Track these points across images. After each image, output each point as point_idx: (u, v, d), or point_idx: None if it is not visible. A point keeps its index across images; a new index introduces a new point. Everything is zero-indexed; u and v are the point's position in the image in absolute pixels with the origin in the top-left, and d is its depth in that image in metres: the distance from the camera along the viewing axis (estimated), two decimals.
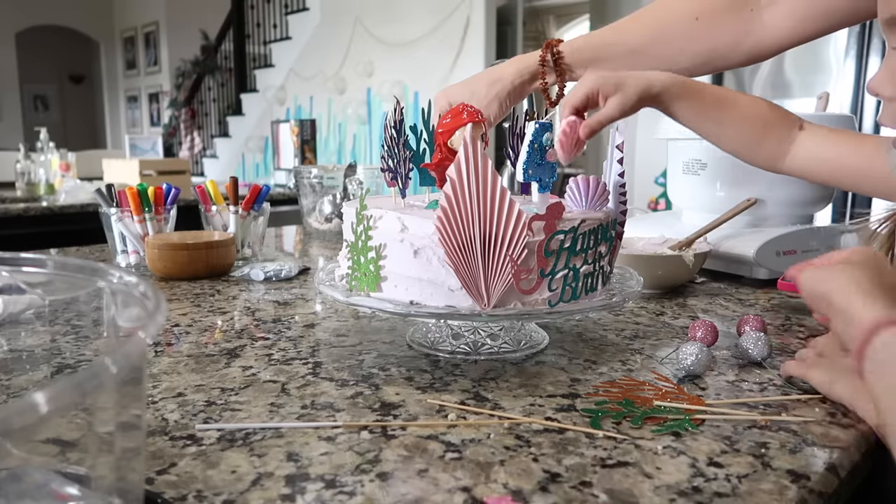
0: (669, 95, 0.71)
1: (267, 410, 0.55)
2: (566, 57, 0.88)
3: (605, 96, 0.69)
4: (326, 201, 1.54)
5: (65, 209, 2.47)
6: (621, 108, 0.68)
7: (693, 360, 0.62)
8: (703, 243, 1.02)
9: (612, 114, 0.68)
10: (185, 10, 7.85)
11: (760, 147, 0.74)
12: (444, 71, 4.43)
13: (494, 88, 0.88)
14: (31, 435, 0.37)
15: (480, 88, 0.88)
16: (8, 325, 0.60)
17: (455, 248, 0.58)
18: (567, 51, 0.88)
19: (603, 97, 0.69)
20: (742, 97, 0.76)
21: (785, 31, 0.79)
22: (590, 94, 0.69)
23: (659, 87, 0.70)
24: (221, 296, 0.96)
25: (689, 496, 0.42)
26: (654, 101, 0.71)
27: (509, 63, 0.91)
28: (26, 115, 8.75)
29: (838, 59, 2.29)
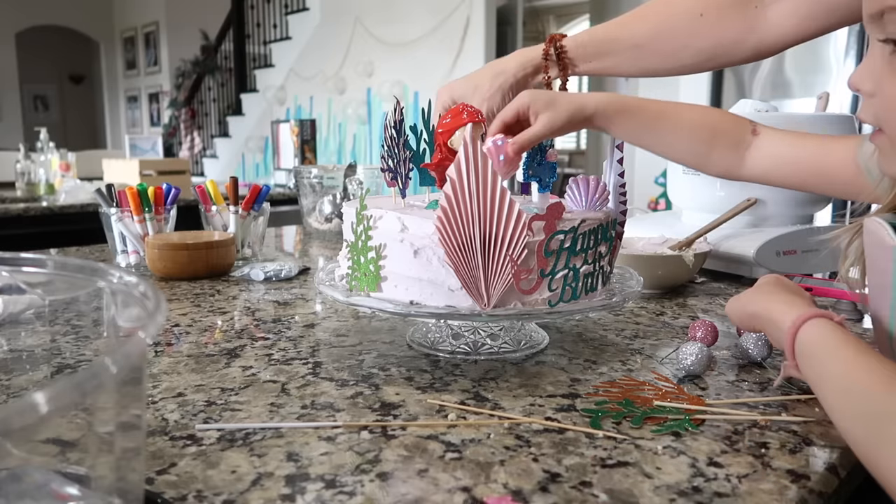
0: (604, 116, 0.70)
1: (267, 410, 0.55)
2: (569, 51, 0.87)
3: (536, 113, 0.68)
4: (326, 201, 1.54)
5: (65, 209, 2.47)
6: (549, 127, 0.67)
7: (693, 360, 0.62)
8: (703, 243, 1.02)
9: (540, 132, 0.67)
10: (185, 10, 7.85)
11: (710, 155, 0.74)
12: (444, 71, 4.43)
13: (497, 81, 0.88)
14: (31, 435, 0.37)
15: (483, 82, 0.88)
16: (8, 325, 0.60)
17: (455, 248, 0.58)
18: (571, 45, 0.88)
19: (533, 114, 0.68)
20: (687, 108, 0.75)
21: (789, 28, 0.78)
22: (521, 111, 0.68)
23: (592, 108, 0.69)
24: (221, 296, 0.96)
25: (689, 496, 0.42)
26: (587, 123, 0.71)
27: (512, 56, 0.90)
28: (26, 115, 8.75)
29: (838, 59, 2.29)
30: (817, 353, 0.51)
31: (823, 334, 0.51)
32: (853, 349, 0.49)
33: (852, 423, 0.46)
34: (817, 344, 0.52)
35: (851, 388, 0.47)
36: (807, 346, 0.52)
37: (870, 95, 0.57)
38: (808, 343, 0.52)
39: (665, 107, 0.74)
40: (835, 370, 0.49)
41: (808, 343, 0.52)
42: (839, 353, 0.49)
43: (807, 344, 0.52)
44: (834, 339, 0.50)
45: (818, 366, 0.51)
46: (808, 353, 0.52)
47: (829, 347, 0.50)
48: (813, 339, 0.52)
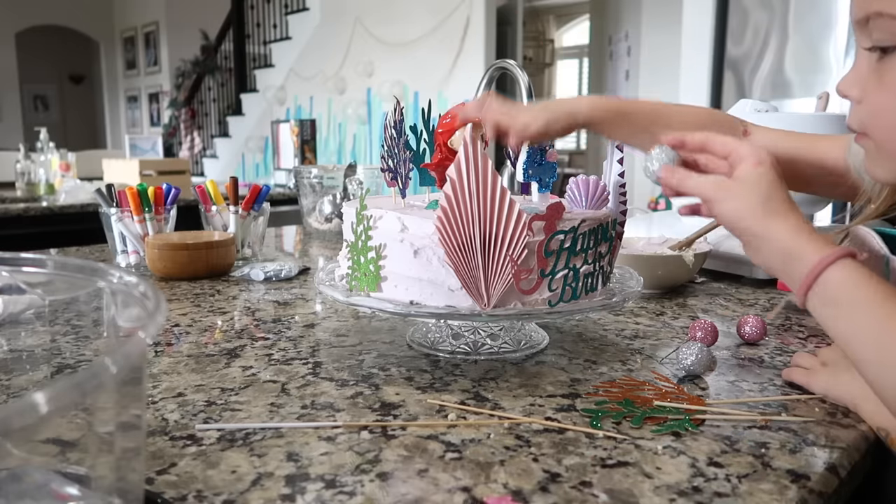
0: (598, 121, 0.69)
1: (267, 410, 0.55)
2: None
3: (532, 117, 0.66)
4: (326, 201, 1.54)
5: (65, 209, 2.47)
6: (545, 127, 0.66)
7: (693, 360, 0.62)
8: (703, 243, 1.02)
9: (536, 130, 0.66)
10: (185, 10, 7.85)
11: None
12: (444, 71, 4.43)
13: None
14: (31, 435, 0.37)
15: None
16: (8, 325, 0.60)
17: (455, 248, 0.58)
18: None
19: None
20: (680, 108, 0.74)
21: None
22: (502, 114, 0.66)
23: (585, 115, 0.68)
24: (221, 296, 0.96)
25: (689, 496, 0.42)
26: (580, 127, 0.70)
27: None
28: (26, 115, 8.75)
29: (838, 59, 2.29)
30: (844, 298, 0.49)
31: (852, 278, 0.49)
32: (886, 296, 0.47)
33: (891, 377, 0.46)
34: (846, 288, 0.49)
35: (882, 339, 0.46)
36: (832, 289, 0.49)
37: (857, 102, 0.57)
38: (834, 286, 0.49)
39: (657, 108, 0.73)
40: (869, 320, 0.47)
41: (835, 286, 0.49)
42: (873, 301, 0.48)
43: (833, 287, 0.49)
44: (865, 285, 0.48)
45: (846, 313, 0.49)
46: (831, 297, 0.49)
47: (860, 294, 0.48)
48: (840, 281, 0.49)
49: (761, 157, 0.55)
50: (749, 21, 2.54)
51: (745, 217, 0.54)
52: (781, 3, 2.43)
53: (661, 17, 4.23)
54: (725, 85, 2.64)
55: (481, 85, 1.28)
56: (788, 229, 0.53)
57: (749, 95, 2.52)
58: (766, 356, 0.70)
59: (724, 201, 0.55)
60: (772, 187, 0.54)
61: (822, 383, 0.58)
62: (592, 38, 5.58)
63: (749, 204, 0.54)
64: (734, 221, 0.55)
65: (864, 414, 0.54)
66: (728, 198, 0.55)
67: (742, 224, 0.55)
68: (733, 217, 0.55)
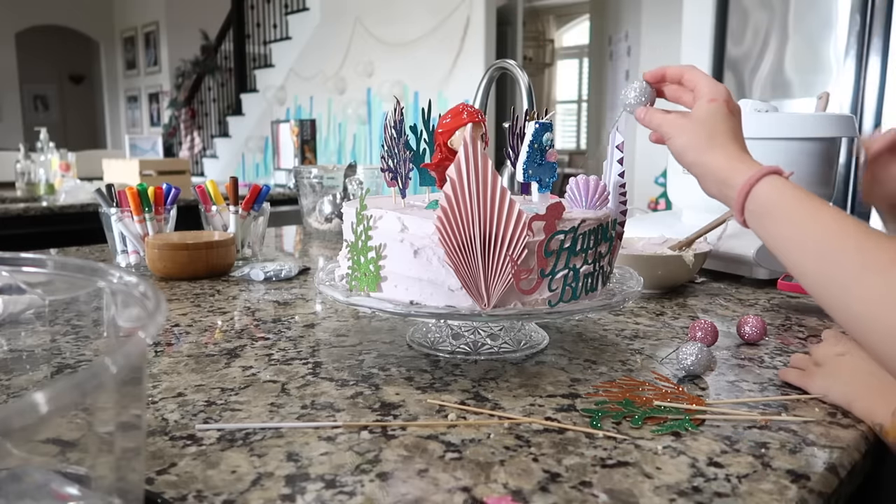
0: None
1: (267, 410, 0.55)
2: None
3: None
4: (326, 201, 1.54)
5: (65, 209, 2.47)
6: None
7: (693, 360, 0.62)
8: (703, 243, 1.02)
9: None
10: (185, 10, 7.85)
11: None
12: (444, 71, 4.43)
13: None
14: (31, 435, 0.37)
15: None
16: (8, 325, 0.60)
17: (455, 248, 0.58)
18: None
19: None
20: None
21: None
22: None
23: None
24: (221, 296, 0.96)
25: (689, 496, 0.42)
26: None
27: None
28: (26, 115, 8.75)
29: (838, 59, 2.29)
30: (774, 211, 0.52)
31: (778, 190, 0.52)
32: (813, 206, 0.50)
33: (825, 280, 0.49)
34: (773, 200, 0.52)
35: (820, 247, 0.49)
36: (762, 205, 0.53)
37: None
38: (763, 199, 0.53)
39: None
40: (797, 230, 0.51)
41: (764, 199, 0.53)
42: (799, 211, 0.51)
43: (762, 203, 0.53)
44: (792, 196, 0.52)
45: (776, 225, 0.52)
46: (762, 213, 0.53)
47: (789, 205, 0.51)
48: (767, 194, 0.53)
49: (715, 93, 0.60)
50: (749, 21, 2.54)
51: (689, 151, 0.59)
52: (781, 3, 2.43)
53: (661, 17, 4.23)
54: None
55: (481, 85, 1.28)
56: (725, 158, 0.57)
57: (749, 95, 2.52)
58: (766, 356, 0.70)
59: (675, 137, 0.61)
60: (719, 122, 0.59)
61: (819, 385, 0.58)
62: (592, 38, 5.58)
63: (695, 139, 0.59)
64: (680, 155, 0.60)
65: (858, 412, 0.54)
66: (679, 134, 0.60)
67: (687, 158, 0.60)
68: (680, 151, 0.60)
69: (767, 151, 1.07)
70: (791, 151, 1.07)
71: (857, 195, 2.20)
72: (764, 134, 1.07)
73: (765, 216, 0.53)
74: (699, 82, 0.62)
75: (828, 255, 0.49)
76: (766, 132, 1.07)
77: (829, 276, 0.49)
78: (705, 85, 0.61)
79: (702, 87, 0.62)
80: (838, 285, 0.48)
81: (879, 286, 0.45)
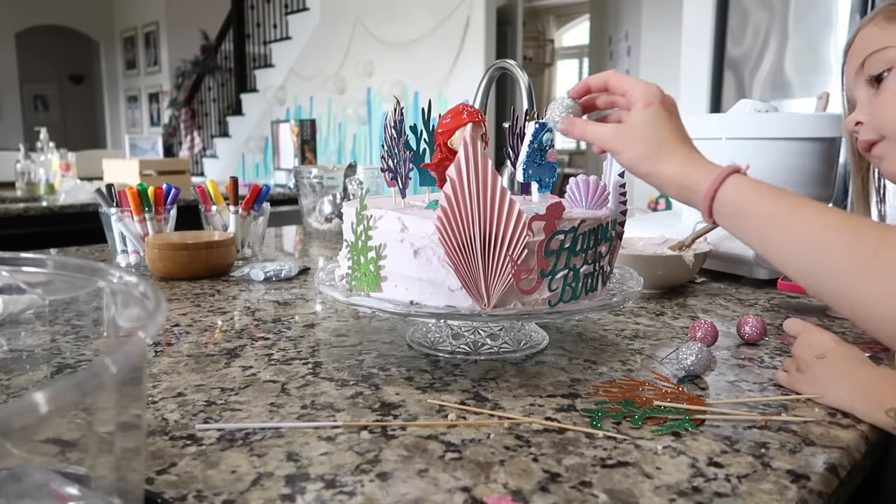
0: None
1: (267, 410, 0.55)
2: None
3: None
4: (326, 201, 1.54)
5: (65, 209, 2.47)
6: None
7: (693, 360, 0.62)
8: (703, 243, 1.02)
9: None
10: (185, 10, 7.85)
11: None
12: (444, 71, 4.43)
13: None
14: (31, 435, 0.37)
15: None
16: (8, 325, 0.60)
17: (455, 248, 0.58)
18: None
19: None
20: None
21: None
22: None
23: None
24: (221, 296, 0.96)
25: (689, 496, 0.42)
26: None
27: None
28: (26, 115, 8.75)
29: (838, 59, 2.29)
30: (742, 211, 0.53)
31: (744, 192, 0.53)
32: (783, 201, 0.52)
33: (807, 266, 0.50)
34: (740, 199, 0.53)
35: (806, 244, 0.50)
36: (729, 205, 0.54)
37: (866, 122, 0.61)
38: (730, 203, 0.54)
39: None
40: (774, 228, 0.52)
41: (731, 201, 0.54)
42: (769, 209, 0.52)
43: (729, 204, 0.54)
44: (758, 195, 0.53)
45: (747, 223, 0.53)
46: (731, 213, 0.54)
47: (755, 206, 0.53)
48: (733, 195, 0.54)
49: (650, 97, 0.59)
50: (749, 21, 2.54)
51: (641, 163, 0.59)
52: (781, 3, 2.43)
53: (661, 17, 4.23)
54: (725, 85, 2.64)
55: (481, 85, 1.28)
56: (679, 164, 0.57)
57: (749, 95, 2.52)
58: (766, 356, 0.70)
59: (622, 151, 0.60)
60: (660, 127, 0.58)
61: (809, 391, 0.58)
62: (592, 38, 5.58)
63: (643, 150, 0.58)
64: (632, 169, 0.60)
65: (862, 410, 0.54)
66: (624, 147, 0.59)
67: (641, 169, 0.59)
68: (630, 164, 0.60)
69: (767, 151, 1.07)
70: (791, 151, 1.07)
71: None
72: (764, 134, 1.07)
73: (735, 216, 0.54)
74: (629, 87, 0.61)
75: (813, 252, 0.50)
76: (766, 132, 1.07)
77: (822, 271, 0.50)
78: (636, 89, 0.60)
79: (633, 91, 0.60)
80: (833, 280, 0.49)
81: (875, 276, 0.46)
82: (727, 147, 1.09)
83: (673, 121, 0.59)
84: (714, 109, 2.64)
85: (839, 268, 0.49)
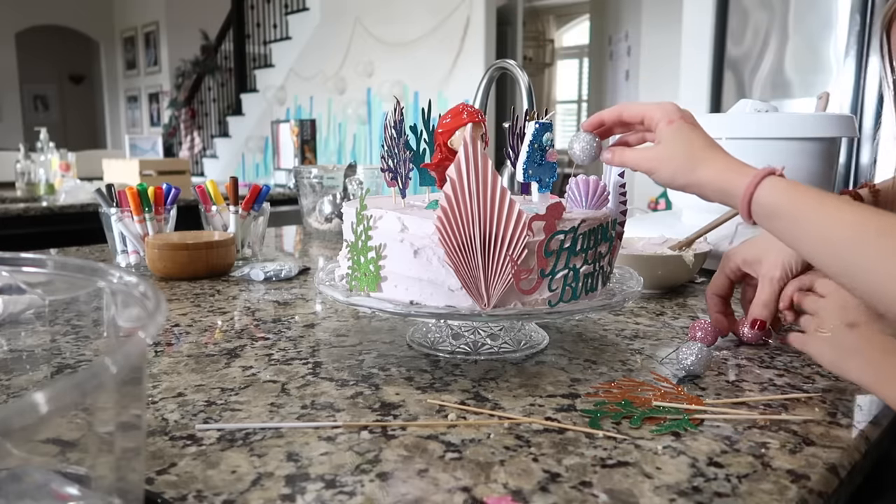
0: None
1: (267, 410, 0.55)
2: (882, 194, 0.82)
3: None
4: (326, 201, 1.54)
5: (65, 209, 2.47)
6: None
7: (693, 360, 0.62)
8: (703, 243, 1.02)
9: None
10: (185, 10, 7.85)
11: None
12: (444, 71, 4.43)
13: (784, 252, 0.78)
14: (31, 435, 0.37)
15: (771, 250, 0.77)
16: (8, 325, 0.60)
17: (455, 248, 0.58)
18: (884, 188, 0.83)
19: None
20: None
21: None
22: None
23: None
24: (221, 296, 0.96)
25: (689, 496, 0.42)
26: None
27: None
28: (26, 115, 8.75)
29: (838, 58, 2.29)
30: (779, 212, 0.53)
31: (780, 193, 0.54)
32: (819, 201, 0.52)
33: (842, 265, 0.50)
34: (777, 200, 0.54)
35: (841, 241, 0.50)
36: (766, 207, 0.54)
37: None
38: (766, 204, 0.54)
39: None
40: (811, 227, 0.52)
41: (768, 203, 0.54)
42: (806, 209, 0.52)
43: (766, 205, 0.54)
44: (794, 195, 0.53)
45: (785, 224, 0.54)
46: (769, 214, 0.54)
47: (791, 206, 0.53)
48: (770, 199, 0.54)
49: (669, 114, 0.60)
50: (749, 21, 2.54)
51: (678, 177, 0.60)
52: (781, 3, 2.43)
53: (661, 17, 4.23)
54: (725, 85, 2.64)
55: (481, 85, 1.28)
56: (717, 172, 0.58)
57: (749, 95, 2.52)
58: (766, 356, 0.70)
59: (658, 171, 0.60)
60: (688, 139, 0.59)
61: (829, 356, 0.58)
62: (592, 38, 5.58)
63: (677, 165, 0.59)
64: (672, 183, 0.60)
65: (889, 400, 0.53)
66: (659, 167, 0.60)
67: (679, 183, 0.60)
68: (670, 181, 0.60)
69: (767, 151, 1.07)
70: (791, 151, 1.07)
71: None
72: (764, 134, 1.07)
73: (771, 218, 0.54)
74: (645, 111, 0.62)
75: (850, 247, 0.50)
76: (766, 132, 1.07)
77: (857, 266, 0.50)
78: (653, 111, 0.62)
79: (651, 114, 0.62)
80: (868, 278, 0.49)
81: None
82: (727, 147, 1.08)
83: (697, 131, 0.60)
84: (714, 109, 2.65)
85: (872, 266, 0.49)
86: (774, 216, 0.54)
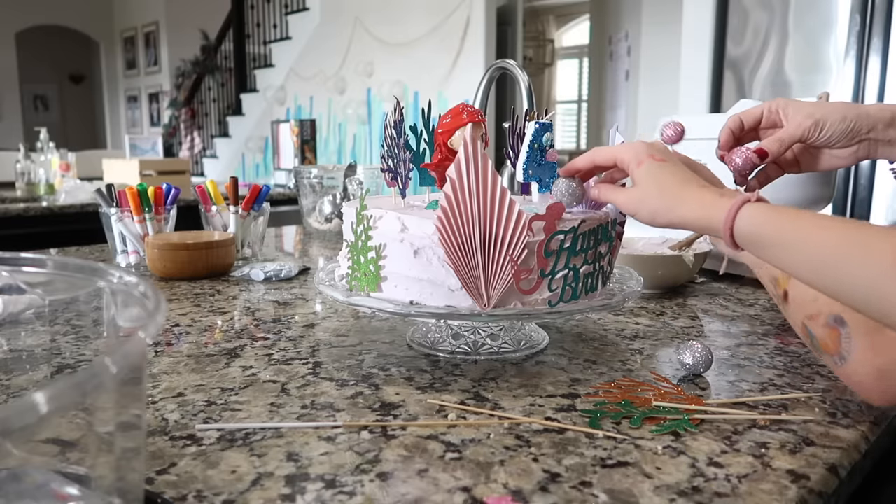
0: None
1: (267, 410, 0.55)
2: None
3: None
4: (326, 201, 1.54)
5: (65, 209, 2.47)
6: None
7: (693, 360, 0.62)
8: (703, 243, 1.02)
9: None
10: (185, 10, 7.85)
11: None
12: (444, 71, 4.43)
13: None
14: (31, 435, 0.37)
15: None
16: (8, 325, 0.60)
17: (455, 248, 0.58)
18: None
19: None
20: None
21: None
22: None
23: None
24: (221, 296, 0.96)
25: (689, 496, 0.42)
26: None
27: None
28: (26, 115, 8.75)
29: (838, 58, 2.29)
30: (760, 241, 0.53)
31: (757, 222, 0.53)
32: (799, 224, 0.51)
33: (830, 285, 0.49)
34: (756, 230, 0.53)
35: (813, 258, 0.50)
36: (747, 235, 0.54)
37: None
38: (747, 233, 0.53)
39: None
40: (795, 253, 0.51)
41: (747, 233, 0.53)
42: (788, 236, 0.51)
43: (747, 234, 0.53)
44: (772, 223, 0.52)
45: (768, 251, 0.53)
46: (752, 241, 0.54)
47: (771, 235, 0.52)
48: (748, 227, 0.53)
49: (639, 156, 0.60)
50: (749, 21, 2.54)
51: (658, 217, 0.59)
52: (781, 3, 2.43)
53: (661, 17, 4.23)
54: (725, 85, 2.64)
55: (481, 85, 1.28)
56: (694, 210, 0.57)
57: (749, 95, 2.52)
58: (766, 356, 0.70)
59: (638, 212, 0.60)
60: (660, 179, 0.59)
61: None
62: (592, 38, 5.58)
63: (654, 207, 0.59)
64: (654, 224, 0.60)
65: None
66: (638, 207, 0.60)
67: (660, 223, 0.59)
68: (651, 221, 0.60)
69: None
70: None
71: (857, 195, 2.20)
72: None
73: (754, 246, 0.54)
74: (615, 155, 0.62)
75: (832, 272, 0.49)
76: None
77: (844, 290, 0.49)
78: (623, 153, 0.61)
79: (621, 157, 0.61)
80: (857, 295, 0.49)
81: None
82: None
83: (666, 168, 0.59)
84: (714, 109, 2.65)
85: (860, 283, 0.48)
86: (759, 245, 0.54)
